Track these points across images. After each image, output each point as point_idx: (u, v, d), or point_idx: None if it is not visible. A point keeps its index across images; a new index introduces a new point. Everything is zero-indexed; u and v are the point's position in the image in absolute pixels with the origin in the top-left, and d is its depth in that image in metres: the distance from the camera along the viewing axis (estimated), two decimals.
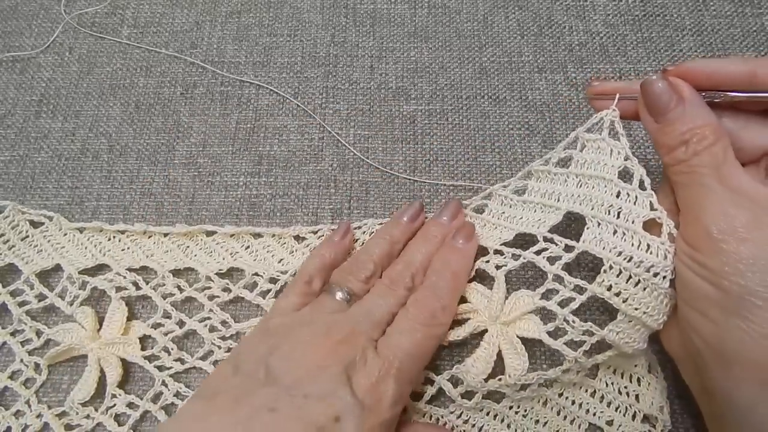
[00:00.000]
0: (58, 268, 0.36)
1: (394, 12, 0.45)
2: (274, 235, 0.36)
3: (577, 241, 0.27)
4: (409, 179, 0.38)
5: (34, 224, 0.38)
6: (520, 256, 0.29)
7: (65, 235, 0.37)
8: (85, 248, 0.36)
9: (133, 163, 0.40)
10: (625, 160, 0.27)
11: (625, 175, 0.27)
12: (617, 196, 0.27)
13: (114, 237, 0.37)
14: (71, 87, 0.43)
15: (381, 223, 0.35)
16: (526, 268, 0.34)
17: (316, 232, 0.36)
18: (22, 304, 0.35)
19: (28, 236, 0.37)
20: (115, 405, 0.32)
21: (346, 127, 0.41)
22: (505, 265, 0.30)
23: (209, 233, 0.37)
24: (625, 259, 0.25)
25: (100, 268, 0.36)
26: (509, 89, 0.41)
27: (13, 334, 0.35)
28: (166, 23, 0.46)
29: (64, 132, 0.42)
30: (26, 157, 0.41)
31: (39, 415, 0.33)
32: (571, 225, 0.31)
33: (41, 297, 0.35)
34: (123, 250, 0.37)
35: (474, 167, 0.39)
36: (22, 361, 0.34)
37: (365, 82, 0.42)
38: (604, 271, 0.25)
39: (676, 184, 0.25)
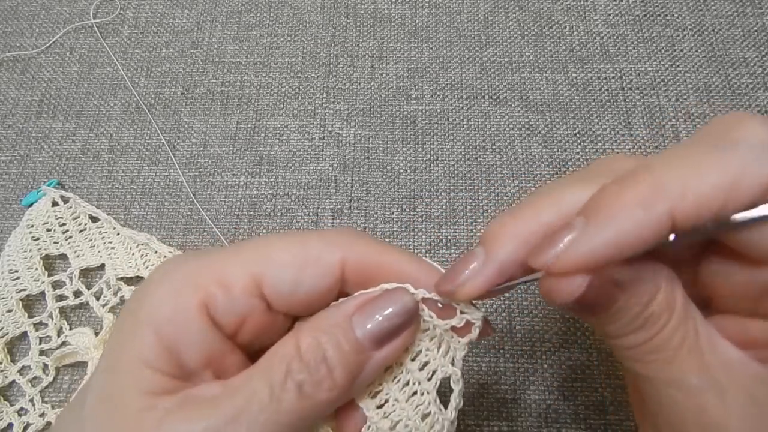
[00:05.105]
0: (101, 267, 0.37)
1: (394, 12, 0.45)
2: None
3: None
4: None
5: (93, 219, 0.38)
6: None
7: (118, 234, 0.37)
8: (132, 254, 0.37)
9: (134, 163, 0.40)
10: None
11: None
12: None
13: (158, 253, 0.37)
14: (72, 87, 0.43)
15: None
16: None
17: None
18: (59, 298, 0.36)
19: (85, 229, 0.38)
20: None
21: (346, 127, 0.41)
22: None
23: None
24: None
25: (139, 280, 0.36)
26: (510, 89, 0.41)
27: (36, 326, 0.35)
28: (166, 23, 0.46)
29: (65, 132, 0.42)
30: (27, 157, 0.41)
31: (42, 414, 0.33)
32: None
33: (78, 293, 0.36)
34: None
35: (474, 167, 0.39)
36: (32, 358, 0.34)
37: (366, 82, 0.43)
38: None
39: (637, 378, 0.19)
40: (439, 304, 0.20)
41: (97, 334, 0.35)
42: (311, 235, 0.20)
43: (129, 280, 0.36)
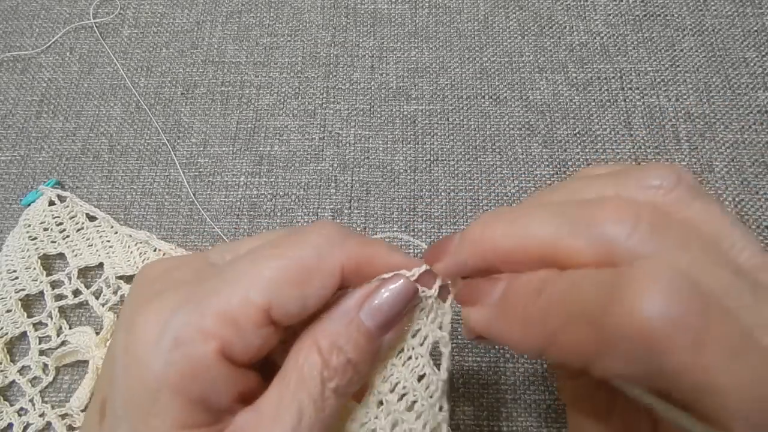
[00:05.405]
0: (100, 266, 0.37)
1: (394, 12, 0.45)
2: None
3: None
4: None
5: (90, 218, 0.38)
6: None
7: (116, 233, 0.37)
8: (131, 253, 0.37)
9: (134, 163, 0.40)
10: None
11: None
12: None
13: (157, 251, 0.37)
14: (72, 87, 0.43)
15: None
16: None
17: None
18: (58, 297, 0.36)
19: (83, 228, 0.38)
20: None
21: (346, 127, 0.41)
22: None
23: None
24: None
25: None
26: (510, 89, 0.41)
27: (36, 326, 0.35)
28: (166, 23, 0.46)
29: (65, 132, 0.42)
30: (27, 157, 0.41)
31: (42, 414, 0.33)
32: None
33: (77, 293, 0.36)
34: None
35: (474, 167, 0.39)
36: (32, 358, 0.34)
37: (366, 82, 0.43)
38: None
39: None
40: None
41: (97, 333, 0.35)
42: (303, 245, 0.19)
43: (128, 279, 0.36)
